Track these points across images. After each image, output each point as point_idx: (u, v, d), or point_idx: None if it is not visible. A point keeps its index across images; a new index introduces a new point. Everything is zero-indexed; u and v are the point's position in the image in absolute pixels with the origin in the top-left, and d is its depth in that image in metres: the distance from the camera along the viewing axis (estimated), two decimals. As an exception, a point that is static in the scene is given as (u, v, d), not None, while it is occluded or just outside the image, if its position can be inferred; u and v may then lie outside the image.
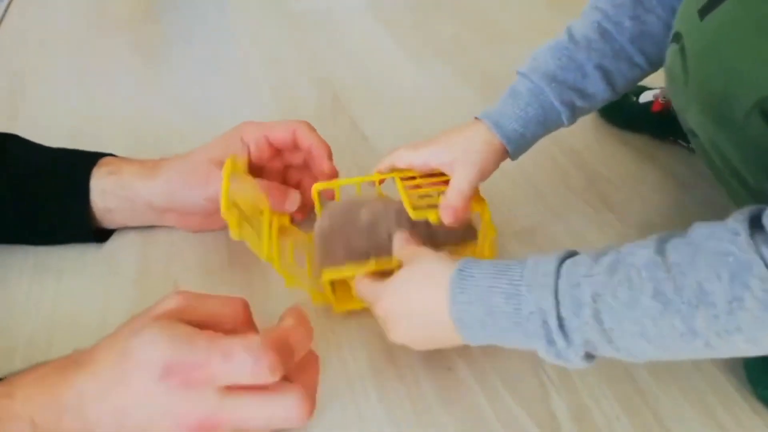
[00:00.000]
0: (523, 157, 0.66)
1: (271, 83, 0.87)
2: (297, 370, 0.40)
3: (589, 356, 0.37)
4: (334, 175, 0.57)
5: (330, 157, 0.57)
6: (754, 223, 0.31)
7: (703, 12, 0.42)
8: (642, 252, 0.34)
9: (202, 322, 0.39)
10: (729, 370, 0.47)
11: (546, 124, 0.52)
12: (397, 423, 0.44)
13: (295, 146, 0.57)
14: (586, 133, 0.74)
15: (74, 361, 0.38)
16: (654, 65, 0.52)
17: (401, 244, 0.47)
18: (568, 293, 0.35)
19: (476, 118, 0.53)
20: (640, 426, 0.44)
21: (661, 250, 0.33)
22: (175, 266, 0.56)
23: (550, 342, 0.36)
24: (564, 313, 0.35)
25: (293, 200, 0.55)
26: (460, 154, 0.50)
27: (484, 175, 0.51)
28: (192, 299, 0.40)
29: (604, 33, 0.51)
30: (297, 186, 0.59)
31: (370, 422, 0.44)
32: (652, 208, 0.63)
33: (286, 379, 0.39)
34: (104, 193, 0.54)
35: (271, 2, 1.13)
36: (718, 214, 0.48)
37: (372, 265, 0.48)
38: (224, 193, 0.43)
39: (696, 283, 0.31)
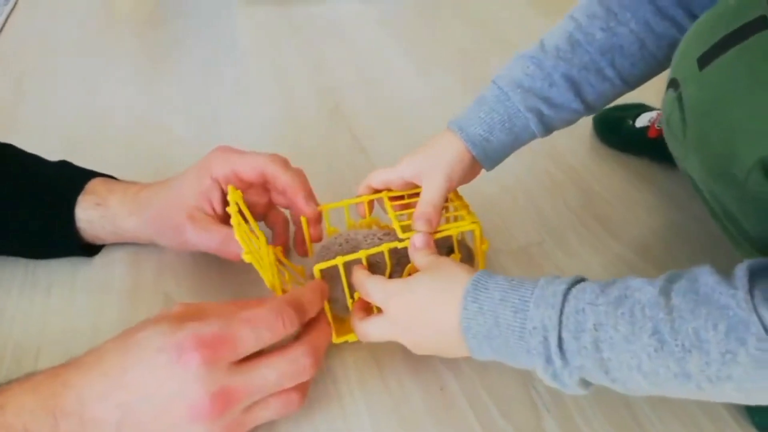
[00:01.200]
0: (523, 176, 0.66)
1: (273, 90, 0.87)
2: (306, 330, 0.43)
3: (585, 383, 0.37)
4: (316, 217, 0.53)
5: (309, 196, 0.53)
6: (755, 278, 0.32)
7: (703, 61, 0.42)
8: (648, 289, 0.35)
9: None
10: (724, 396, 0.47)
11: (513, 131, 0.52)
12: (386, 443, 0.43)
13: (266, 183, 0.53)
14: (585, 152, 0.74)
15: (71, 365, 0.38)
16: (628, 82, 0.52)
17: (419, 248, 0.47)
18: (572, 316, 0.36)
19: (447, 126, 0.53)
20: (633, 450, 0.43)
21: (666, 291, 0.34)
22: (166, 280, 0.56)
23: (549, 361, 0.36)
24: (565, 335, 0.36)
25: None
26: (428, 164, 0.51)
27: (453, 182, 0.51)
28: (193, 306, 0.41)
29: (574, 43, 0.51)
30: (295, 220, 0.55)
31: (359, 442, 0.43)
32: (647, 229, 0.63)
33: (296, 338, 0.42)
34: (91, 223, 0.54)
35: (277, 9, 1.14)
36: (713, 232, 0.47)
37: (362, 253, 0.47)
38: (239, 232, 0.46)
39: (693, 329, 0.32)
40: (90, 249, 0.57)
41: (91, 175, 0.56)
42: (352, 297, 0.48)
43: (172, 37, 1.04)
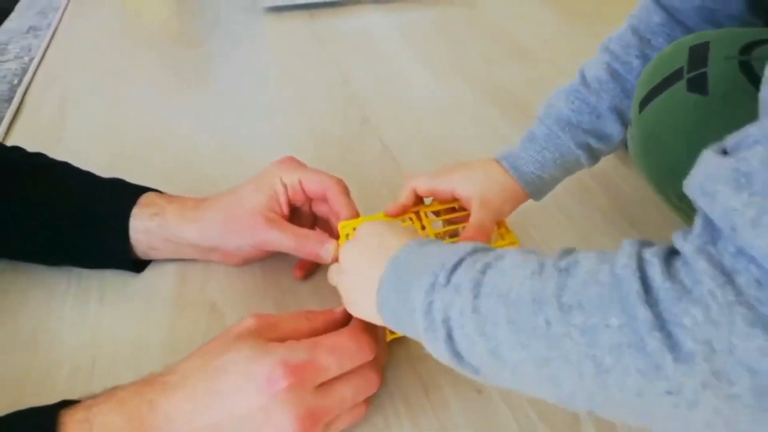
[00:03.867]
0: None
1: (303, 104, 0.90)
2: None
3: (450, 339, 0.34)
4: None
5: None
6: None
7: (642, 104, 0.47)
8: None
9: (283, 338, 0.41)
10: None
11: (565, 167, 0.54)
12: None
13: (324, 201, 0.56)
14: (613, 155, 0.75)
15: (156, 383, 0.39)
16: None
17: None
18: (475, 255, 0.35)
19: (495, 159, 0.55)
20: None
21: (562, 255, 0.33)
22: (212, 290, 0.58)
23: (434, 283, 0.34)
24: (463, 264, 0.35)
25: (328, 249, 0.52)
26: (481, 190, 0.52)
27: (502, 214, 0.53)
28: (269, 318, 0.43)
29: (614, 74, 0.53)
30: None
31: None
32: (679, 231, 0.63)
33: None
34: (148, 232, 0.55)
35: (304, 24, 1.17)
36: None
37: (381, 215, 0.52)
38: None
39: (575, 258, 0.31)
40: (138, 264, 0.58)
41: (144, 189, 0.58)
42: None
43: (205, 55, 1.07)
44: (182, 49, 1.11)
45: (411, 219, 0.54)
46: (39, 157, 0.60)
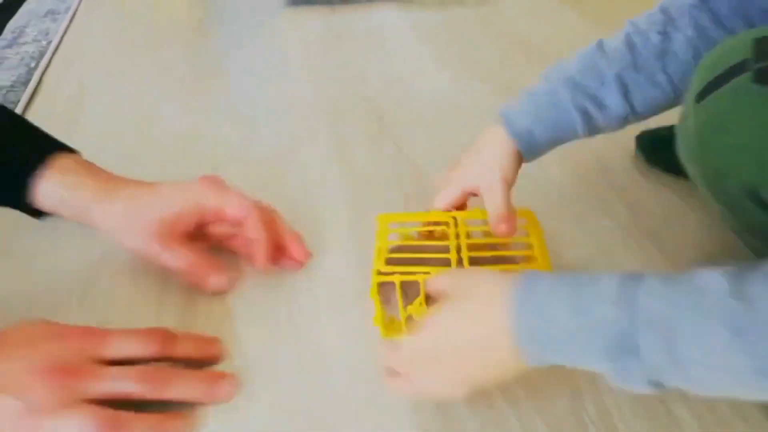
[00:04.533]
0: (570, 190, 0.65)
1: (318, 101, 0.89)
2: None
3: (655, 384, 0.34)
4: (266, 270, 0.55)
5: (267, 255, 0.55)
6: None
7: (700, 96, 0.45)
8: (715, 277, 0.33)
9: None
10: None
11: (559, 127, 0.53)
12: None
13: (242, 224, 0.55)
14: (634, 169, 0.74)
15: None
16: (678, 92, 0.52)
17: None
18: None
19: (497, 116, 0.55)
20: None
21: (736, 280, 0.32)
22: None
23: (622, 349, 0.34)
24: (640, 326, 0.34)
25: (218, 281, 0.55)
26: (482, 169, 0.53)
27: (509, 180, 0.53)
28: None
29: (630, 44, 0.52)
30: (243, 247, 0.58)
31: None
32: (698, 246, 0.62)
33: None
34: (62, 201, 0.53)
35: (321, 21, 1.16)
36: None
37: (419, 276, 0.48)
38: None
39: None
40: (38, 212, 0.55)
41: (58, 146, 0.55)
42: (404, 308, 0.49)
43: (221, 49, 1.07)
44: (200, 40, 1.11)
45: (448, 224, 0.53)
46: None
